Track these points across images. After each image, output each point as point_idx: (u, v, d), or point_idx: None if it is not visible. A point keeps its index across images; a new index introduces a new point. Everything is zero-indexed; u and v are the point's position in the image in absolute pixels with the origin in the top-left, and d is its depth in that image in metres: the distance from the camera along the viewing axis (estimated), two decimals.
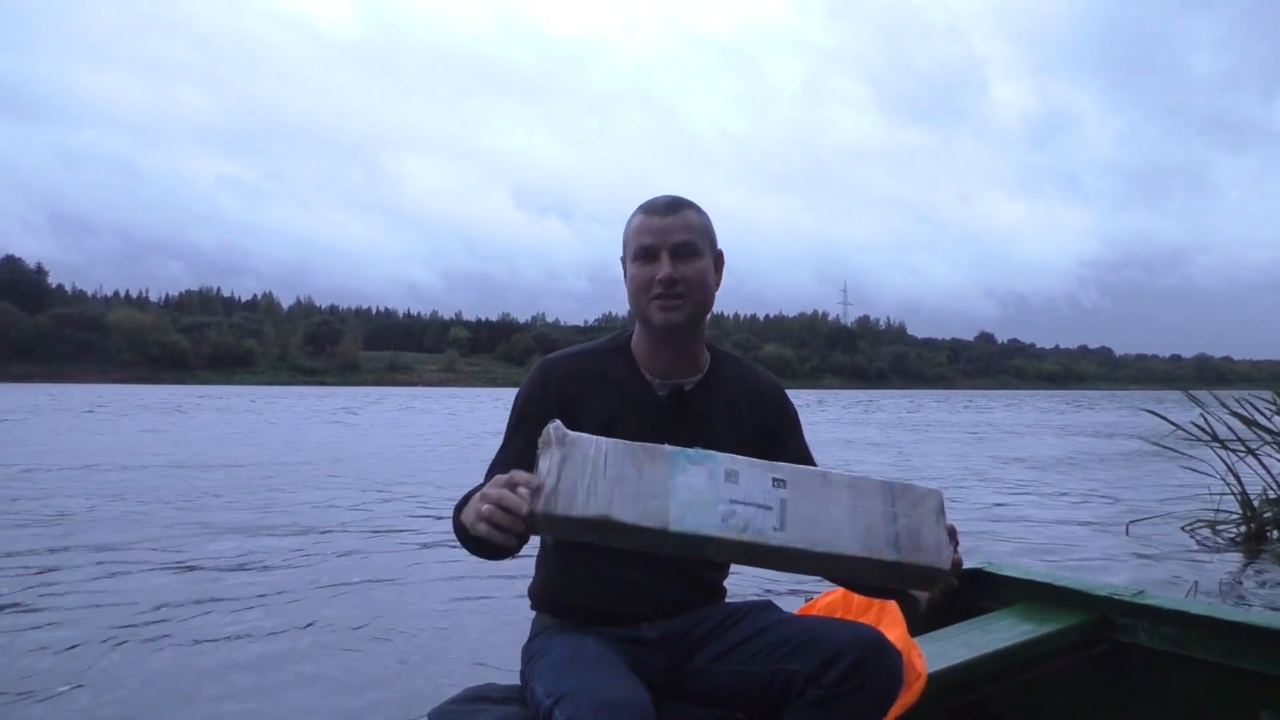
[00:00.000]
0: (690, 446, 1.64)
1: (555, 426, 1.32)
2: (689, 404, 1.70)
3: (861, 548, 1.34)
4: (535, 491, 1.28)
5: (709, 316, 1.71)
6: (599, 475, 1.29)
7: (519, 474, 1.31)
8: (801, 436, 1.81)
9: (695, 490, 1.30)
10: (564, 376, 1.69)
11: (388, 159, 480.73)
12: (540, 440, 1.31)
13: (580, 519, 1.27)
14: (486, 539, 1.30)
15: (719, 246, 1.72)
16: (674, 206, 1.65)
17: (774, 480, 1.33)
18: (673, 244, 1.62)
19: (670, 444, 1.53)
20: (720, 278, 1.73)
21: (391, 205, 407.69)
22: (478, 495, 1.35)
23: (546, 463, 1.29)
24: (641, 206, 1.68)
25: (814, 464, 1.79)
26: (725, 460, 1.33)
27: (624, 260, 1.70)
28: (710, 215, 1.71)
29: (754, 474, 1.33)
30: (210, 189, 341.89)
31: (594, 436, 1.32)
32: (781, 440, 1.76)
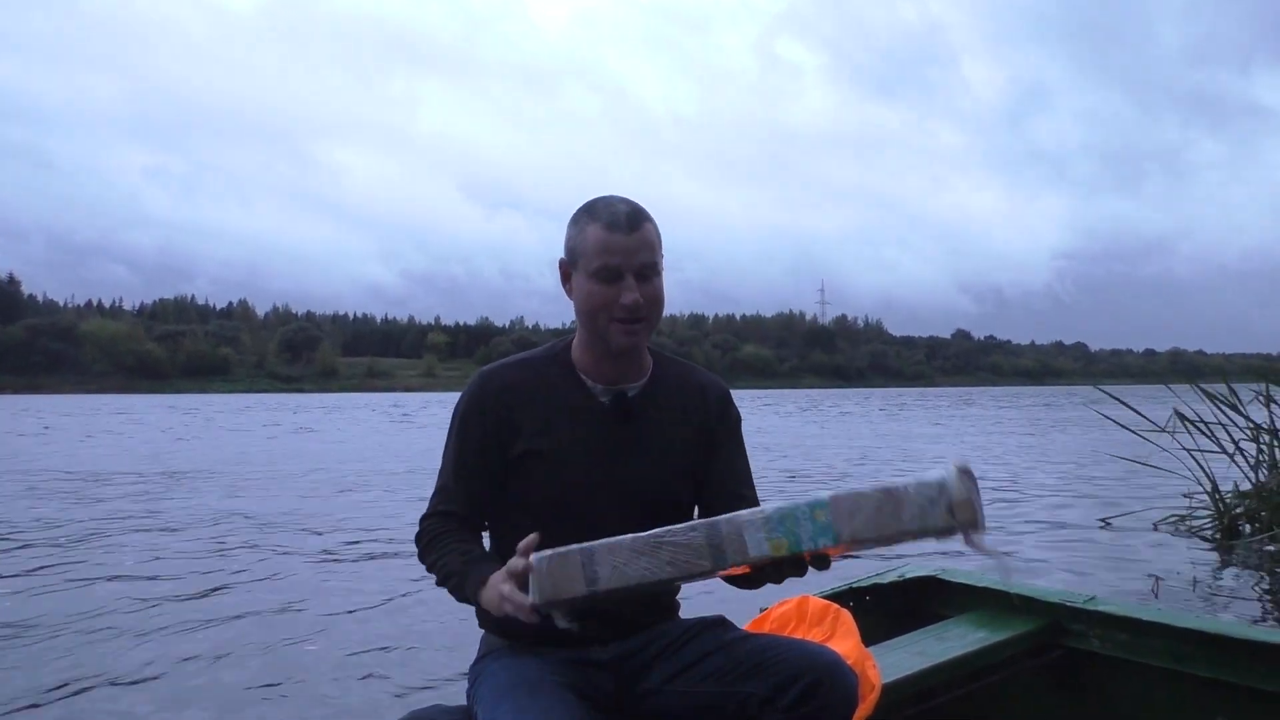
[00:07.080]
0: (632, 452, 1.66)
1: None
2: (632, 410, 1.67)
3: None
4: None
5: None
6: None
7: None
8: (740, 442, 1.79)
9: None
10: (501, 388, 1.66)
11: (318, 148, 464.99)
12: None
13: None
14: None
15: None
16: (635, 221, 1.56)
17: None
18: (638, 265, 1.56)
19: (613, 451, 1.60)
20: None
21: (333, 200, 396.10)
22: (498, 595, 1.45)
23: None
24: (597, 215, 1.58)
25: (748, 470, 1.79)
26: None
27: (565, 264, 1.64)
28: (671, 212, 1.68)
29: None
30: (137, 184, 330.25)
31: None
32: (718, 444, 1.74)
